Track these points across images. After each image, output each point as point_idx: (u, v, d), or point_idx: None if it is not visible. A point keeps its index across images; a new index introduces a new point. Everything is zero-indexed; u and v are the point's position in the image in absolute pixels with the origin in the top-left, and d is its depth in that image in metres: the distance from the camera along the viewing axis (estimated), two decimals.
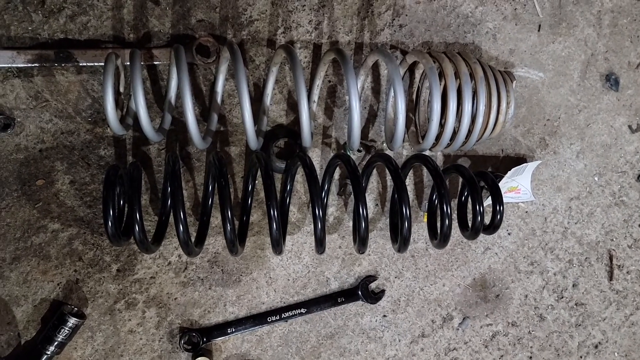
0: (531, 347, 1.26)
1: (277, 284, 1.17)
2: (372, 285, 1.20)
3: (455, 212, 1.15)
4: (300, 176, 1.16)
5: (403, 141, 1.07)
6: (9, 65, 1.04)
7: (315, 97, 1.12)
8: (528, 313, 1.26)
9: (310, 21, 1.14)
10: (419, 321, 1.22)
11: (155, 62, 1.08)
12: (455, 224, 1.13)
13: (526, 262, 1.25)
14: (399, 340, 1.21)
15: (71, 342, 1.09)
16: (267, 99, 1.11)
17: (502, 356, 1.25)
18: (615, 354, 1.30)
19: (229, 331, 1.14)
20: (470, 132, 1.07)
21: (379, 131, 1.19)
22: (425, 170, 1.21)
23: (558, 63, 1.24)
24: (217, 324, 1.15)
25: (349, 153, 1.14)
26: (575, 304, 1.28)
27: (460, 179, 1.15)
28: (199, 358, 1.12)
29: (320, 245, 1.01)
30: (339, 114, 1.17)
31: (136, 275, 1.12)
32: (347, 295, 1.19)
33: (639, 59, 1.27)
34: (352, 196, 1.17)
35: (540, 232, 1.26)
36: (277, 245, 0.99)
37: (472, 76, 1.04)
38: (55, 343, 1.05)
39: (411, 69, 1.18)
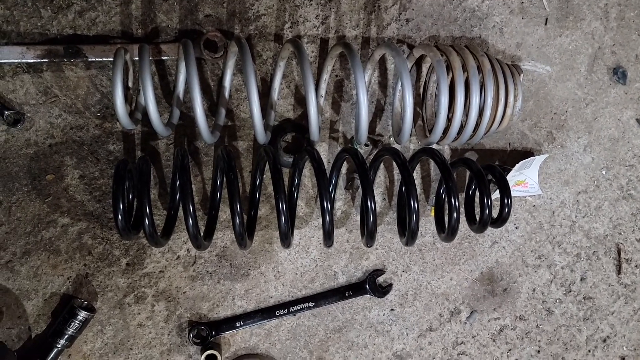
0: (539, 340, 1.26)
1: (285, 277, 1.18)
2: (380, 279, 1.20)
3: (463, 205, 1.15)
4: (307, 170, 1.16)
5: (410, 135, 1.07)
6: (19, 60, 1.04)
7: (322, 92, 1.12)
8: (536, 307, 1.26)
9: (317, 16, 1.15)
10: (426, 315, 1.22)
11: (163, 57, 1.09)
12: (462, 217, 1.14)
13: (534, 256, 1.25)
14: (407, 334, 1.22)
15: (81, 335, 1.09)
16: (275, 94, 1.11)
17: (510, 350, 1.26)
18: (624, 347, 1.30)
19: (237, 325, 1.15)
20: (477, 125, 1.07)
21: (386, 125, 1.20)
22: (432, 164, 1.21)
23: (565, 56, 1.24)
24: (225, 317, 1.16)
25: (356, 147, 1.14)
26: (584, 298, 1.28)
27: (468, 173, 1.15)
28: (208, 351, 1.12)
29: (328, 238, 1.02)
30: (346, 108, 1.18)
31: (145, 269, 1.13)
32: (354, 289, 1.19)
33: None
34: (359, 190, 1.17)
35: (547, 226, 1.25)
36: (286, 239, 1.00)
37: (479, 69, 1.04)
38: (66, 336, 1.05)
39: (418, 63, 1.18)
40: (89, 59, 1.06)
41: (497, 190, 1.06)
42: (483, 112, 1.05)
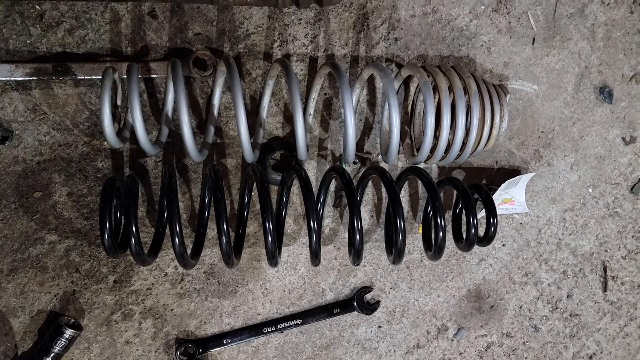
0: (526, 357, 1.27)
1: (272, 295, 1.18)
2: (368, 296, 1.21)
3: (450, 224, 1.15)
4: (296, 188, 1.17)
5: (398, 153, 1.08)
6: (8, 78, 1.04)
7: (311, 110, 1.13)
8: (522, 324, 1.27)
9: (306, 34, 1.16)
10: (414, 332, 1.23)
11: (152, 75, 1.09)
12: (449, 235, 1.14)
13: (520, 273, 1.26)
14: (394, 351, 1.22)
15: (68, 353, 1.09)
16: (264, 112, 1.12)
17: None
18: None
19: (225, 342, 1.15)
20: (464, 145, 1.08)
21: (374, 143, 1.20)
22: (420, 181, 1.22)
23: (552, 76, 1.25)
24: (213, 334, 1.16)
25: (344, 165, 1.15)
26: (570, 315, 1.29)
27: (455, 191, 1.16)
28: None
29: (315, 256, 1.02)
30: (335, 126, 1.18)
31: (133, 287, 1.13)
32: (342, 306, 1.19)
33: (632, 71, 1.28)
34: (347, 208, 1.18)
35: (534, 244, 1.26)
36: (273, 258, 1.00)
37: (465, 90, 1.05)
38: (52, 354, 1.05)
39: (406, 82, 1.19)
40: (78, 77, 1.06)
41: (484, 209, 1.07)
42: (469, 133, 1.06)
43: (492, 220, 1.06)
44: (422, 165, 1.14)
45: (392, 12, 1.18)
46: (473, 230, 1.04)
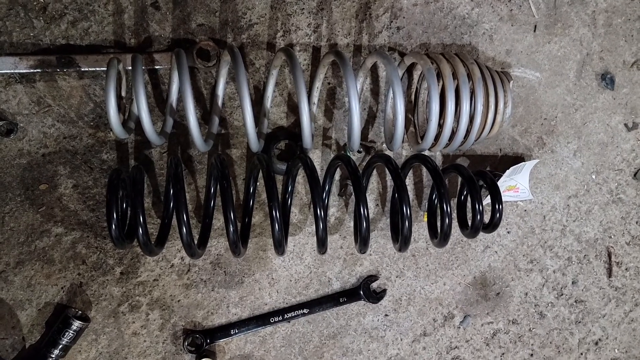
0: (532, 344, 1.27)
1: (279, 284, 1.18)
2: (374, 285, 1.21)
3: (455, 211, 1.16)
4: (301, 177, 1.17)
5: (402, 142, 1.09)
6: (12, 71, 1.04)
7: (315, 99, 1.13)
8: (528, 311, 1.27)
9: (309, 24, 1.16)
10: (420, 320, 1.23)
11: (156, 67, 1.09)
12: (455, 223, 1.15)
13: (526, 260, 1.27)
14: (401, 339, 1.22)
15: (75, 345, 1.09)
16: (268, 102, 1.12)
17: (503, 354, 1.27)
18: (616, 350, 1.31)
19: (232, 332, 1.15)
20: (468, 132, 1.08)
21: (378, 132, 1.21)
22: (424, 170, 1.22)
23: (554, 63, 1.26)
24: (220, 325, 1.16)
25: (349, 154, 1.15)
26: (575, 301, 1.29)
27: (460, 179, 1.16)
28: (203, 359, 1.12)
29: (322, 245, 1.02)
30: (339, 115, 1.19)
31: (139, 278, 1.13)
32: (349, 295, 1.20)
33: (633, 57, 1.28)
34: (352, 197, 1.18)
35: (539, 230, 1.27)
36: (280, 246, 1.00)
37: (469, 77, 1.06)
38: (60, 346, 1.05)
39: (409, 70, 1.19)
40: (82, 69, 1.06)
41: (489, 195, 1.07)
42: (473, 119, 1.06)
43: (497, 206, 1.06)
44: (426, 153, 1.14)
45: (394, 1, 1.18)
46: (479, 217, 1.04)
